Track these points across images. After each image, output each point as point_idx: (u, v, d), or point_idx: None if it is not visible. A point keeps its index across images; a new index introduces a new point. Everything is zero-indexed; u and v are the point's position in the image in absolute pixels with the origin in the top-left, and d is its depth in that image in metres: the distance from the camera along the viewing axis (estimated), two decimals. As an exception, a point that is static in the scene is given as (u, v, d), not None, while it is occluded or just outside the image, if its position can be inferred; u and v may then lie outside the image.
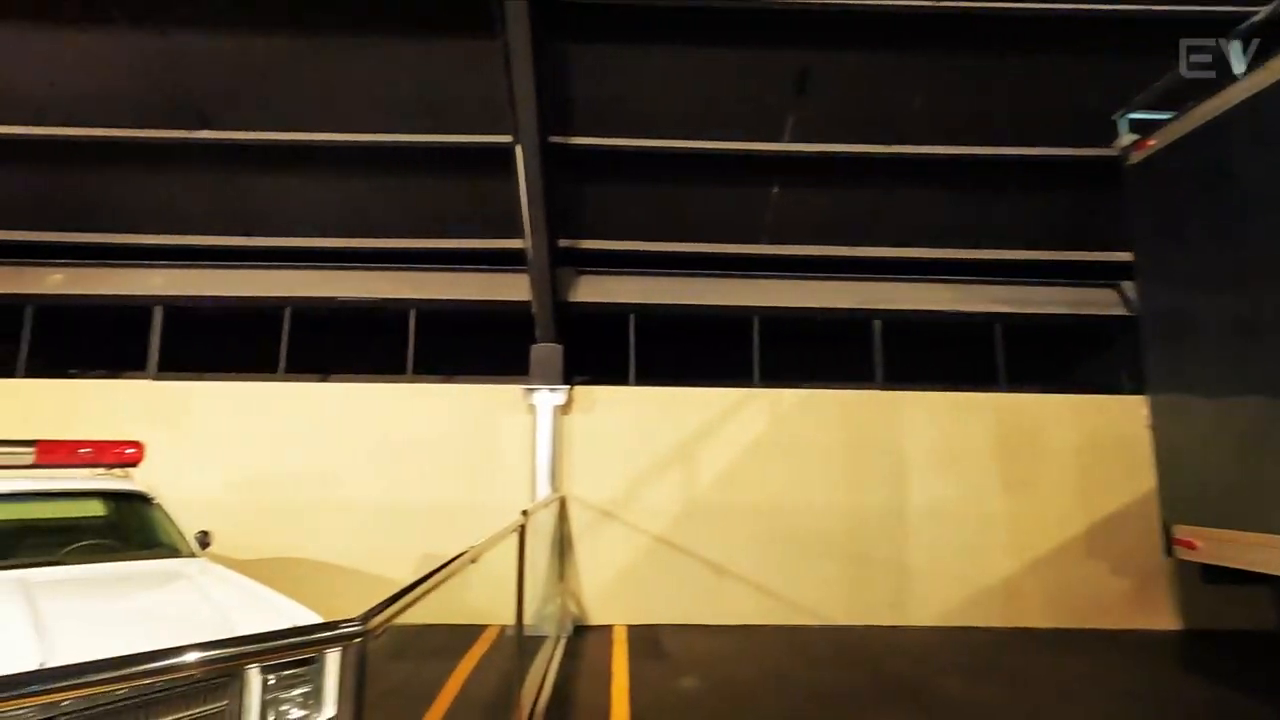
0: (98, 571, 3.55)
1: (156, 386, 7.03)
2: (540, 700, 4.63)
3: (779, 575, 6.80)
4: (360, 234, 7.25)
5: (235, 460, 6.84)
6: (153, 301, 7.27)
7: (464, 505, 6.87)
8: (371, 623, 1.54)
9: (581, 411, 7.05)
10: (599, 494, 6.91)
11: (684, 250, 7.31)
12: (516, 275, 7.36)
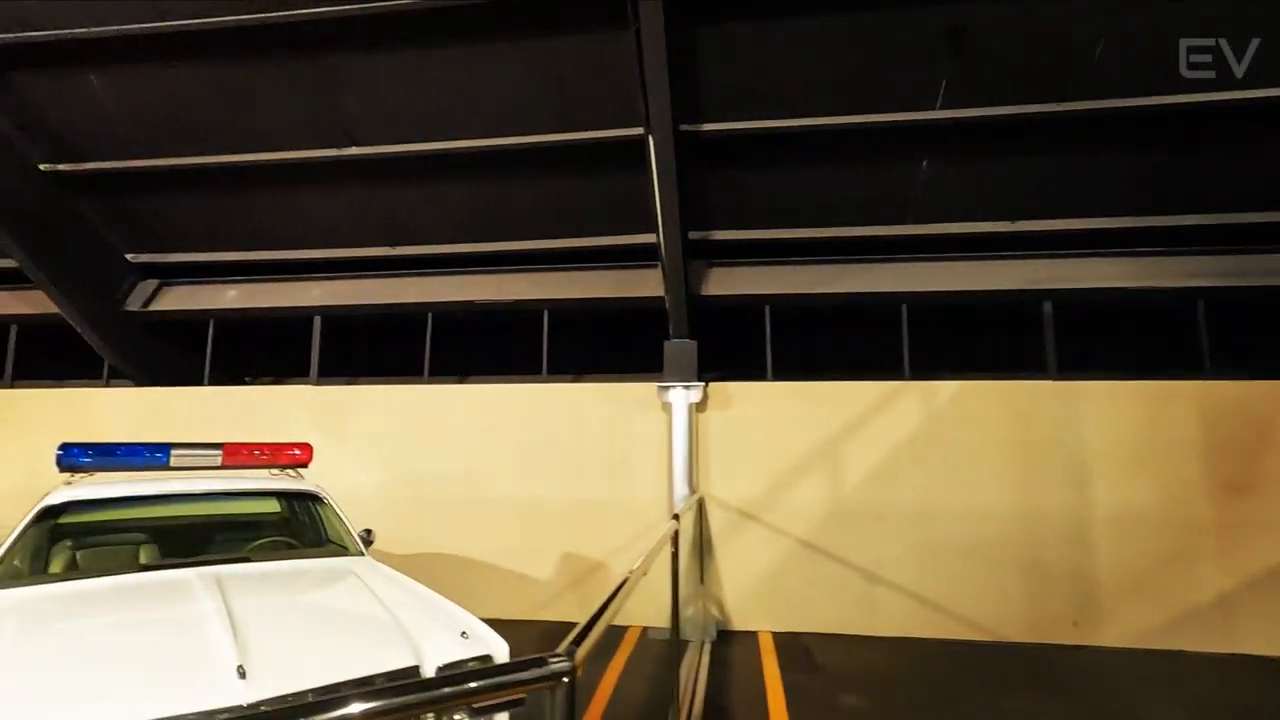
0: (278, 569, 3.72)
1: (318, 391, 7.53)
2: (694, 710, 4.44)
3: (938, 584, 6.22)
4: (494, 238, 7.40)
5: (388, 460, 7.19)
6: (312, 312, 7.79)
7: (600, 504, 6.83)
8: (578, 657, 1.37)
9: (717, 408, 6.81)
10: (738, 494, 6.64)
11: (821, 236, 6.86)
12: (647, 271, 7.24)
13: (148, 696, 2.06)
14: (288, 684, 2.21)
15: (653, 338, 7.07)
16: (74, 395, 7.87)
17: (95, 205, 7.43)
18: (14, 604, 2.97)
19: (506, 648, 2.75)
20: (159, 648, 2.45)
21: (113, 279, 7.83)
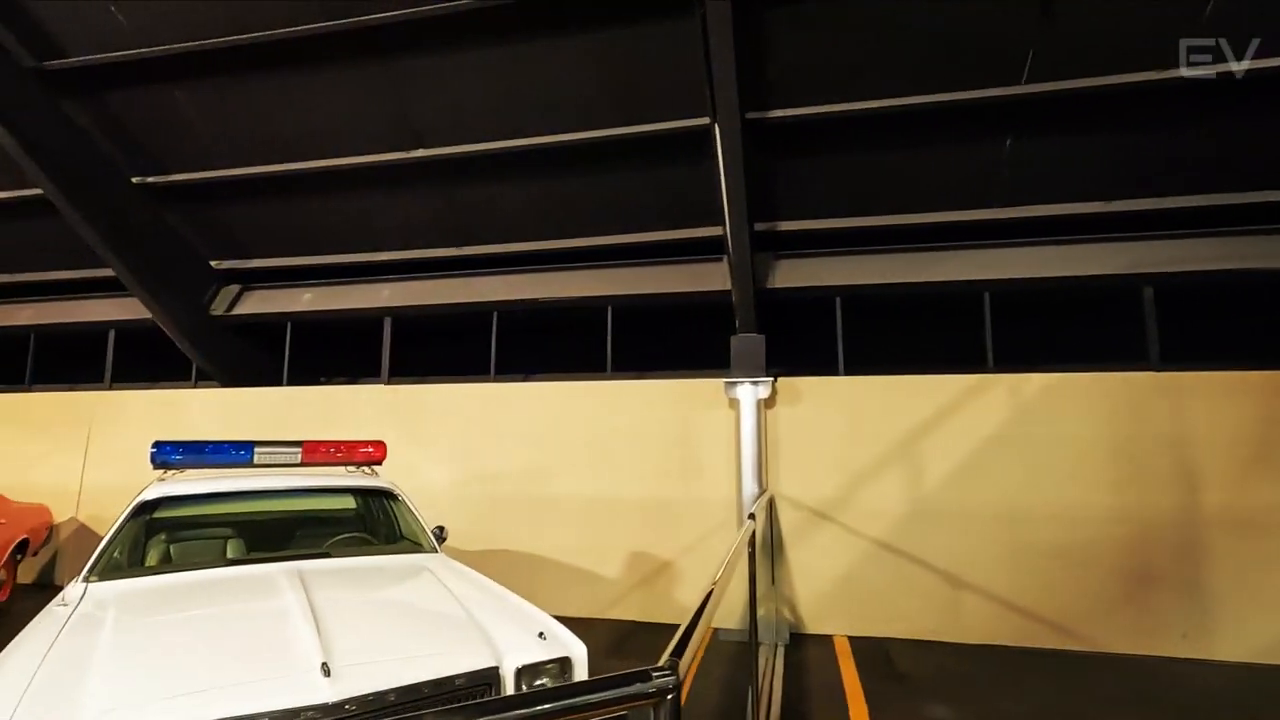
0: (355, 564, 3.76)
1: (390, 390, 7.69)
2: (771, 717, 4.28)
3: (1030, 589, 5.84)
4: (559, 235, 7.39)
5: (457, 457, 7.28)
6: (383, 313, 7.98)
7: (668, 502, 6.72)
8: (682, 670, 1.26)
9: (787, 404, 6.60)
10: (810, 493, 6.42)
11: (896, 223, 6.56)
12: (713, 265, 7.09)
13: (236, 693, 2.07)
14: (370, 683, 2.19)
15: (719, 333, 6.91)
16: (166, 396, 8.30)
17: (182, 215, 7.80)
18: (114, 596, 3.08)
19: (585, 650, 2.68)
20: (246, 643, 2.48)
21: (199, 285, 8.21)
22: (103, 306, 8.71)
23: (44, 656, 2.34)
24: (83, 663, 2.26)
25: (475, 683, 2.38)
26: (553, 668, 2.59)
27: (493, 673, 2.43)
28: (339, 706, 2.08)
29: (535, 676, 2.54)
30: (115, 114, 6.82)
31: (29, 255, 8.56)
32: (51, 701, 1.99)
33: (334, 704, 2.07)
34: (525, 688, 2.50)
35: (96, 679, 2.12)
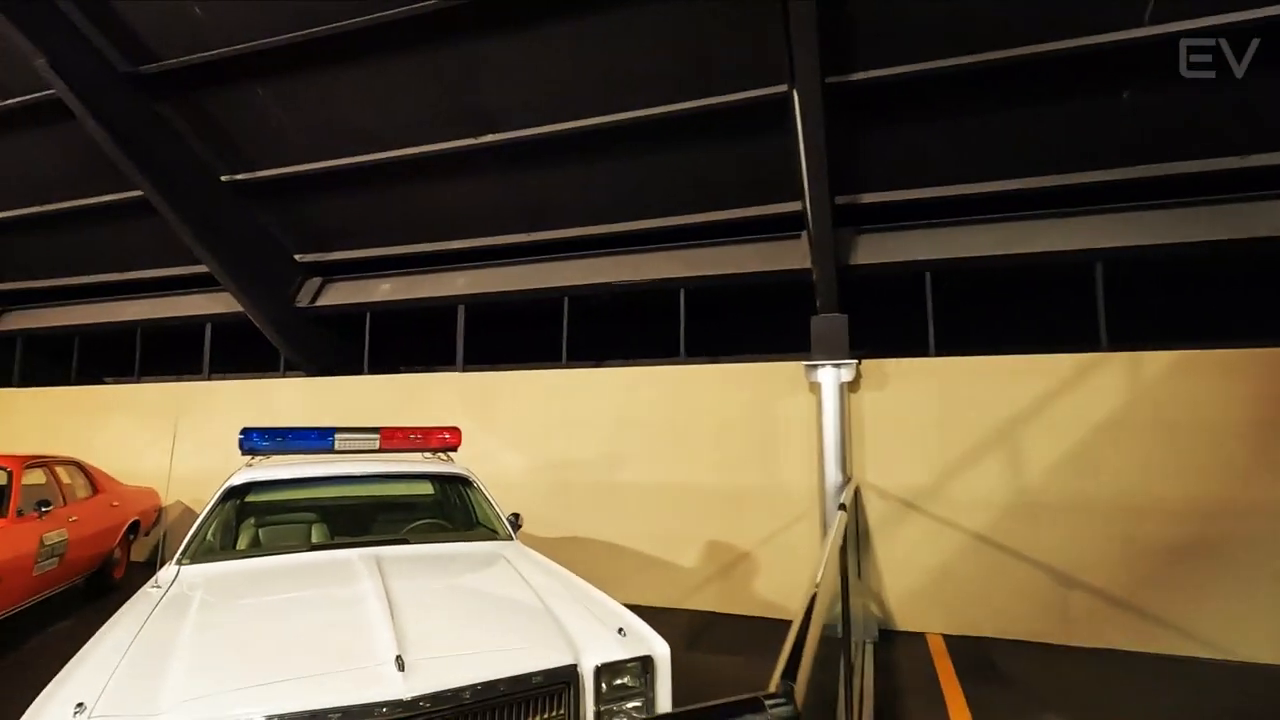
0: (432, 551, 3.73)
1: (465, 377, 7.75)
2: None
3: (1152, 590, 5.29)
4: (630, 217, 7.21)
5: (530, 443, 7.26)
6: (457, 301, 8.04)
7: (745, 490, 6.48)
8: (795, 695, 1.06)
9: (872, 388, 6.21)
10: (898, 482, 6.03)
11: (992, 190, 6.02)
12: (790, 242, 6.75)
13: (309, 685, 2.01)
14: (444, 678, 2.09)
15: (798, 314, 6.58)
16: (257, 385, 8.67)
17: (267, 211, 8.07)
18: (203, 579, 3.13)
19: (668, 649, 2.50)
20: (322, 631, 2.44)
21: (284, 278, 8.50)
22: (200, 301, 9.16)
23: (133, 639, 2.37)
24: (166, 648, 2.26)
25: (553, 681, 2.25)
26: (634, 667, 2.43)
27: (571, 671, 2.29)
28: (413, 703, 1.98)
29: (615, 676, 2.39)
30: (204, 113, 7.09)
31: (134, 254, 9.08)
32: (134, 688, 1.99)
33: (408, 700, 1.98)
34: (605, 688, 2.35)
35: (177, 666, 2.11)
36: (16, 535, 5.27)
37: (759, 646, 5.42)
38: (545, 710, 2.23)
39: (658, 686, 2.44)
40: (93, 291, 9.88)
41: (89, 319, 9.84)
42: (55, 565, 5.74)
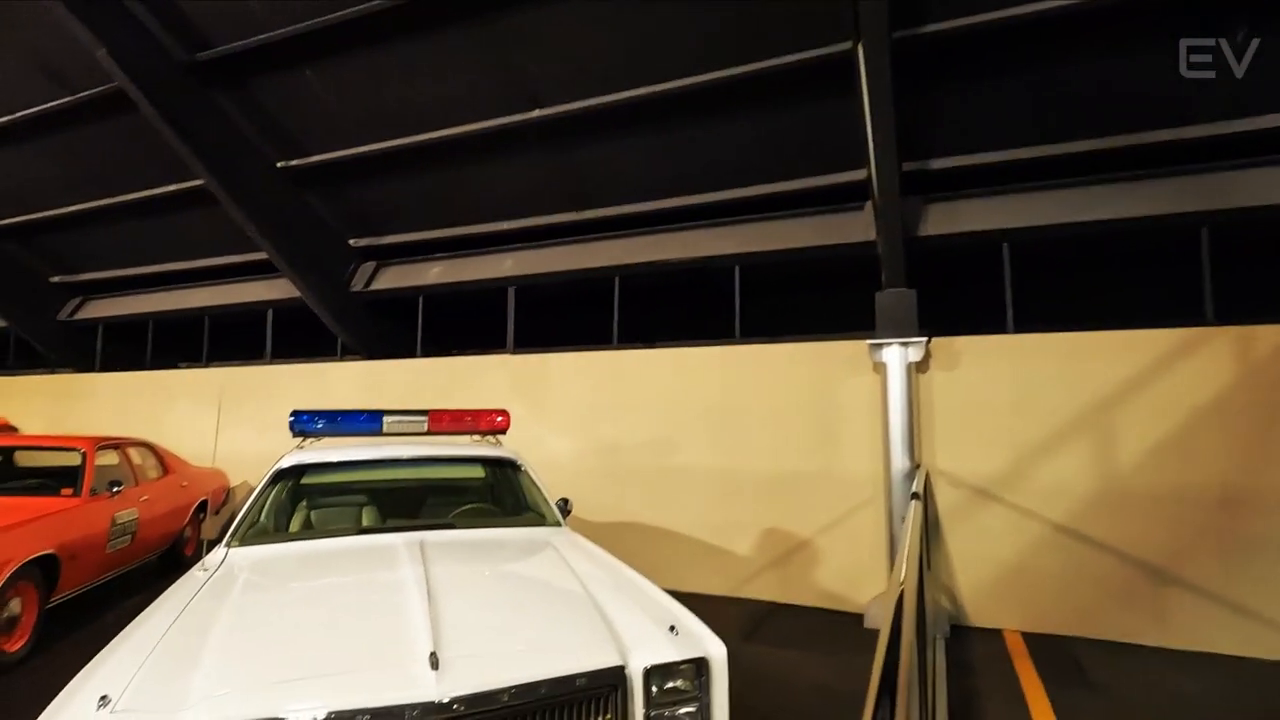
0: (479, 537, 3.61)
1: (514, 360, 7.67)
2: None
3: (1260, 589, 4.77)
4: (681, 192, 6.93)
5: (581, 427, 7.12)
6: (506, 283, 7.94)
7: (804, 476, 6.18)
8: None
9: (942, 368, 5.80)
10: (971, 468, 5.62)
11: (1078, 151, 5.49)
12: (852, 214, 6.37)
13: (338, 683, 1.90)
14: (480, 679, 1.93)
15: (860, 291, 6.19)
16: (315, 369, 8.81)
17: (321, 196, 8.13)
18: (248, 562, 3.10)
19: (724, 651, 2.29)
20: (358, 621, 2.34)
21: (339, 263, 8.58)
22: (260, 288, 9.36)
23: (171, 624, 2.32)
24: (201, 635, 2.19)
25: (598, 683, 2.07)
26: (687, 669, 2.22)
27: (618, 673, 2.11)
28: (446, 706, 1.83)
29: (666, 679, 2.19)
30: (256, 100, 7.15)
31: (198, 242, 9.34)
32: (162, 679, 1.91)
33: (441, 703, 1.83)
34: (655, 691, 2.16)
35: (208, 657, 2.03)
36: (90, 514, 5.45)
37: (821, 640, 5.17)
38: (590, 715, 2.05)
39: (713, 690, 2.23)
40: (162, 280, 10.24)
41: (160, 306, 10.22)
42: (128, 543, 5.93)
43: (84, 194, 8.97)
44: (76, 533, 5.19)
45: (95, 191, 8.90)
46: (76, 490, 5.51)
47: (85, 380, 10.50)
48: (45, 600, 4.85)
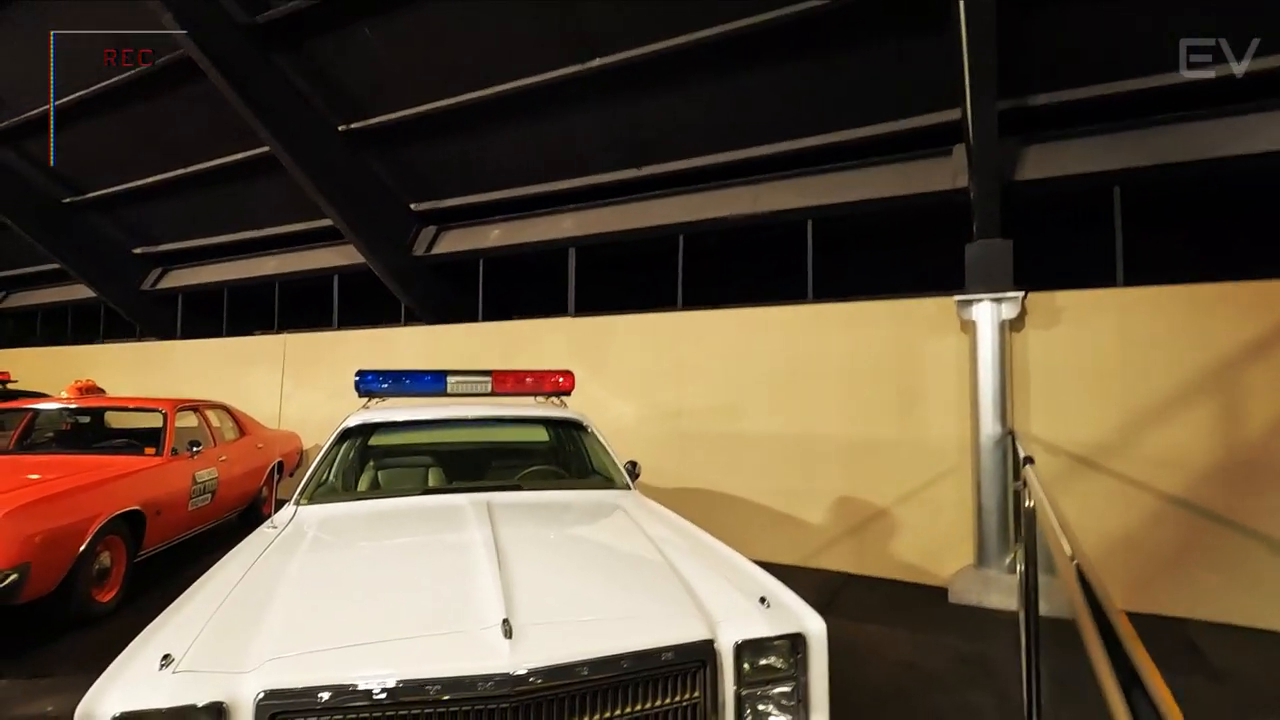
0: (547, 499, 3.47)
1: (576, 323, 7.51)
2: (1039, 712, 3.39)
3: None
4: (747, 143, 6.55)
5: (644, 391, 6.93)
6: (567, 244, 7.75)
7: (882, 442, 5.83)
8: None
9: (1039, 326, 5.31)
10: (1071, 435, 5.16)
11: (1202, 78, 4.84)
12: (937, 160, 5.87)
13: (406, 649, 1.77)
14: (558, 649, 1.76)
15: (944, 245, 5.72)
16: (381, 335, 8.89)
17: (382, 159, 8.08)
18: (316, 520, 3.04)
19: (823, 627, 2.06)
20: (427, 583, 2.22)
21: (401, 228, 8.57)
22: (327, 254, 9.48)
23: (239, 580, 2.25)
24: (268, 593, 2.10)
25: (685, 658, 1.87)
26: (782, 645, 2.00)
27: (707, 647, 1.90)
28: (521, 679, 1.66)
29: (759, 655, 1.97)
30: (316, 61, 7.09)
31: (267, 210, 9.50)
32: (226, 638, 1.82)
33: (516, 675, 1.66)
34: (747, 669, 1.95)
35: (273, 616, 1.93)
36: (172, 472, 5.61)
37: (902, 615, 4.88)
38: (675, 693, 1.86)
39: (811, 670, 2.01)
40: (235, 249, 10.52)
41: (233, 275, 10.51)
42: (208, 502, 6.12)
43: (160, 165, 9.22)
44: (159, 490, 5.34)
45: (170, 162, 9.13)
46: (159, 450, 5.67)
47: (167, 348, 10.96)
48: (133, 554, 5.02)
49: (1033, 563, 2.82)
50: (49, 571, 4.12)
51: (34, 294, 13.20)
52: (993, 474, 5.26)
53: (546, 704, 1.70)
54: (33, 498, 4.15)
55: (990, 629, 4.59)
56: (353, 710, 1.62)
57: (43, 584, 4.09)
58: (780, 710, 1.98)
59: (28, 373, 10.49)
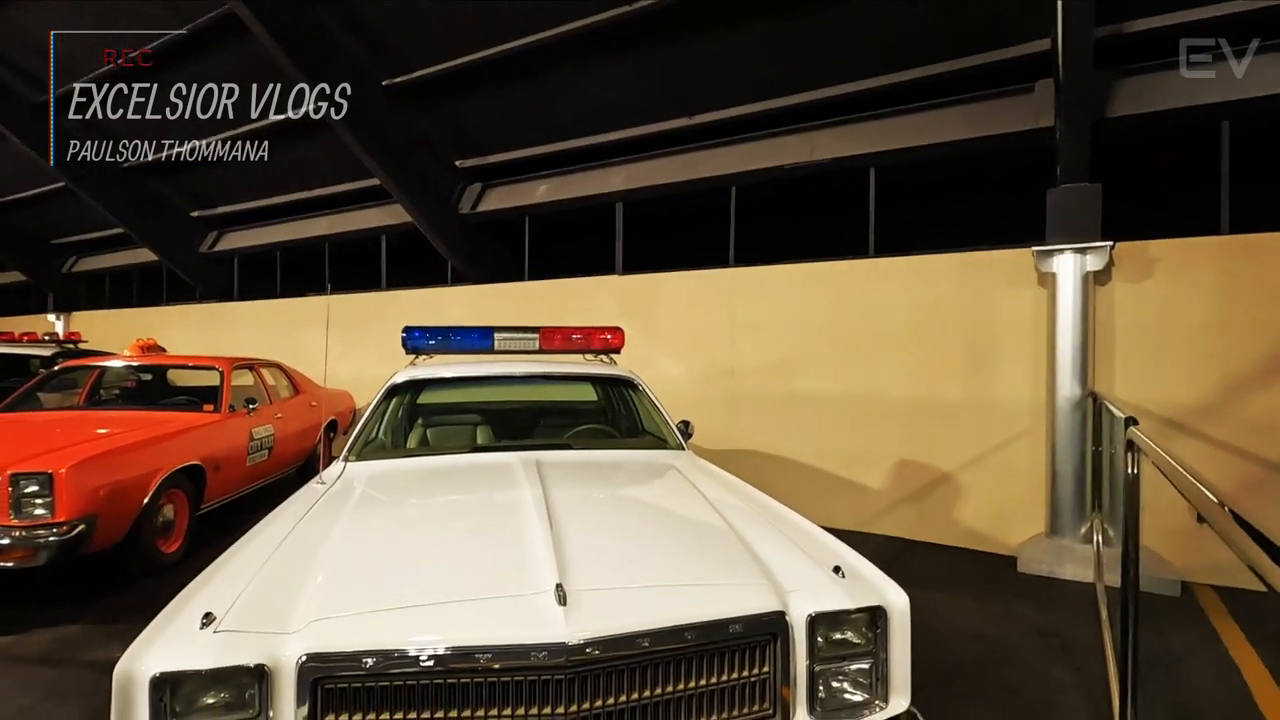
0: (597, 458, 3.35)
1: (624, 281, 7.31)
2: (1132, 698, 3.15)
3: None
4: (803, 87, 6.15)
5: (696, 350, 6.73)
6: (614, 198, 7.51)
7: (948, 404, 5.52)
8: None
9: (1128, 278, 4.88)
10: (1161, 396, 4.76)
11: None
12: (1016, 98, 5.40)
13: (455, 613, 1.66)
14: (615, 618, 1.62)
15: (1019, 193, 5.29)
16: (429, 295, 8.87)
17: (426, 115, 7.93)
18: (365, 476, 2.98)
19: (906, 601, 1.86)
20: (476, 543, 2.11)
21: (447, 186, 8.46)
22: (374, 214, 9.47)
23: (285, 537, 2.19)
24: (316, 551, 2.02)
25: (754, 631, 1.71)
26: (859, 619, 1.82)
27: (778, 619, 1.73)
28: (578, 649, 1.53)
29: (835, 629, 1.80)
30: (357, 11, 6.91)
31: (315, 171, 9.50)
32: (270, 597, 1.75)
33: (572, 645, 1.53)
34: (822, 643, 1.77)
35: (318, 575, 1.84)
36: (229, 429, 5.71)
37: (969, 583, 4.64)
38: (742, 668, 1.70)
39: (892, 646, 1.82)
40: (287, 210, 10.60)
41: (285, 236, 10.63)
42: (265, 458, 6.23)
43: (211, 129, 9.27)
44: (218, 445, 5.44)
45: (220, 125, 9.16)
46: (216, 407, 5.76)
47: (225, 309, 11.23)
48: (195, 508, 5.14)
49: (1134, 531, 2.54)
50: (115, 523, 4.22)
51: (101, 258, 13.68)
52: (1070, 437, 4.92)
53: (605, 676, 1.57)
54: (97, 451, 4.24)
55: (1065, 601, 4.33)
56: (399, 677, 1.52)
57: (110, 535, 4.20)
58: (856, 688, 1.81)
59: (98, 334, 10.90)
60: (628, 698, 1.59)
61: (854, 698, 1.80)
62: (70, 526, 3.88)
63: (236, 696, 1.50)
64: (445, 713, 1.53)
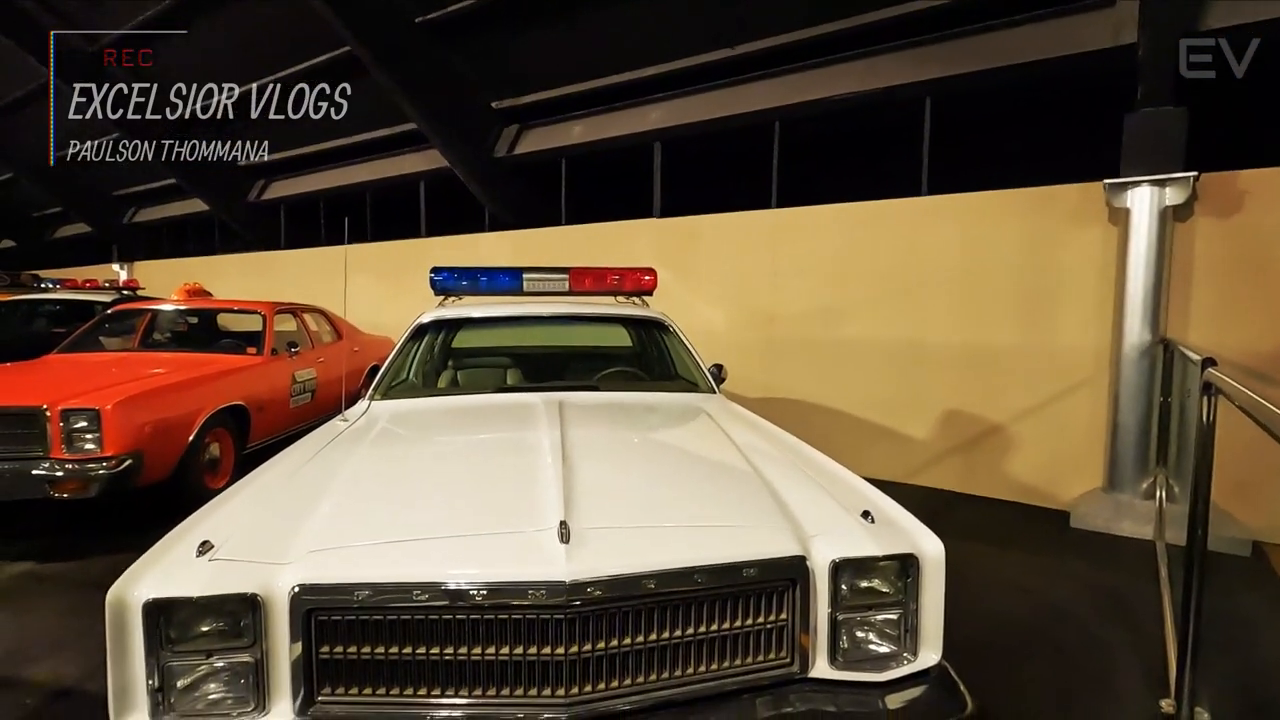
0: (622, 399, 3.25)
1: (662, 224, 7.09)
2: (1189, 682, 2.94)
3: None
4: (853, 11, 5.70)
5: (735, 295, 6.51)
6: (652, 137, 7.23)
7: (1002, 350, 5.21)
8: None
9: (1213, 214, 4.43)
10: (1244, 344, 4.35)
11: None
12: (1086, 14, 4.88)
13: (453, 547, 1.60)
14: (619, 557, 1.52)
15: (1097, 119, 4.82)
16: (466, 241, 8.82)
17: (460, 52, 7.72)
18: (386, 414, 2.96)
19: (941, 549, 1.71)
20: (484, 479, 2.05)
21: (483, 128, 8.29)
22: (413, 160, 9.40)
23: (297, 469, 2.17)
24: (324, 486, 1.98)
25: (771, 575, 1.59)
26: (888, 566, 1.68)
27: (798, 564, 1.60)
28: (578, 588, 1.43)
29: (861, 576, 1.67)
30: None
31: (356, 117, 9.41)
32: (272, 527, 1.72)
33: (572, 584, 1.43)
34: (846, 590, 1.64)
35: (328, 506, 1.80)
36: (273, 371, 5.82)
37: (1019, 538, 4.44)
38: (757, 614, 1.59)
39: (924, 596, 1.68)
40: (329, 158, 10.61)
41: (328, 184, 10.68)
42: (308, 400, 6.36)
43: (252, 73, 9.26)
44: (261, 387, 5.55)
45: (260, 70, 9.14)
46: (259, 350, 5.87)
47: (272, 257, 11.44)
48: (241, 447, 5.28)
49: (1205, 484, 2.31)
50: (162, 459, 4.36)
51: (157, 209, 14.08)
52: (1136, 387, 4.58)
53: (607, 618, 1.48)
54: (141, 390, 4.35)
55: (1122, 558, 4.09)
56: (393, 611, 1.46)
57: (158, 470, 4.34)
58: (883, 639, 1.69)
59: (155, 282, 11.27)
60: (632, 641, 1.50)
61: (879, 649, 1.68)
62: (118, 461, 4.01)
63: (231, 625, 1.47)
64: (442, 649, 1.47)
